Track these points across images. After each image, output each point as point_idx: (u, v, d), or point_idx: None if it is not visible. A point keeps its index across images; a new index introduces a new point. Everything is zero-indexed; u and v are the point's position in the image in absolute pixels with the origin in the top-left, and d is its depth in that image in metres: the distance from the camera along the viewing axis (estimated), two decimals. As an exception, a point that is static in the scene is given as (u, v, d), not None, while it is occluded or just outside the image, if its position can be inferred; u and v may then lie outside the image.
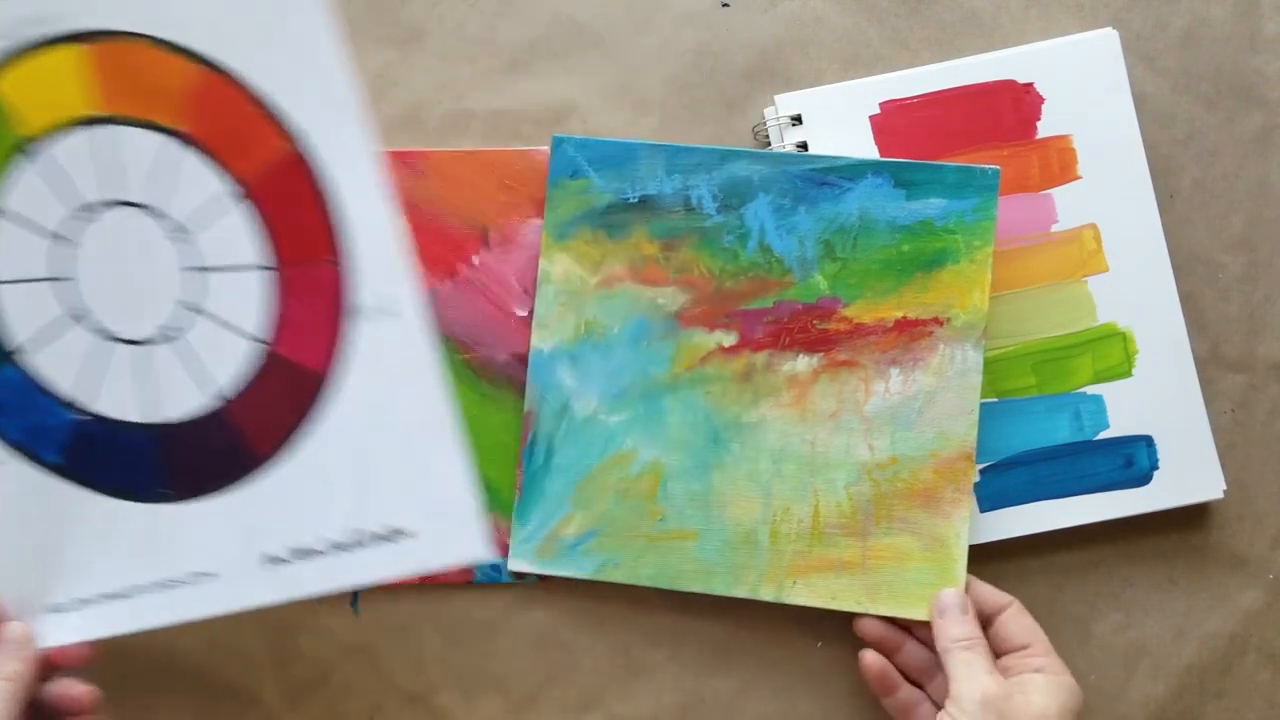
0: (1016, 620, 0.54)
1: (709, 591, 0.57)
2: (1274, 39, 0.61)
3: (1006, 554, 0.58)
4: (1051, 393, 0.58)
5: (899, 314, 0.57)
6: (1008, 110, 0.59)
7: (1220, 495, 0.58)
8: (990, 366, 0.58)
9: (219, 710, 0.58)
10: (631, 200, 0.58)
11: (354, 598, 0.59)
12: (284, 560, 0.51)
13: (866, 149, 0.59)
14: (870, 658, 0.56)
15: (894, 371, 0.57)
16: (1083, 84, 0.59)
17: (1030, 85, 0.59)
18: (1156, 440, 0.58)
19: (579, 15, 0.61)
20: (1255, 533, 0.59)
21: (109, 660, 0.54)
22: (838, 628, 0.58)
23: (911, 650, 0.56)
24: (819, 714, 0.58)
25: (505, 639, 0.59)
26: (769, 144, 0.59)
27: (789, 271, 0.58)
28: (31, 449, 0.53)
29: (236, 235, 0.51)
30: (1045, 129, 0.59)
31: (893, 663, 0.56)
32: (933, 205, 0.57)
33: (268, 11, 0.49)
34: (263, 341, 0.51)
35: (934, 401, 0.56)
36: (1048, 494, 0.58)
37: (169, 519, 0.52)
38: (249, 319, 0.51)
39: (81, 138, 0.51)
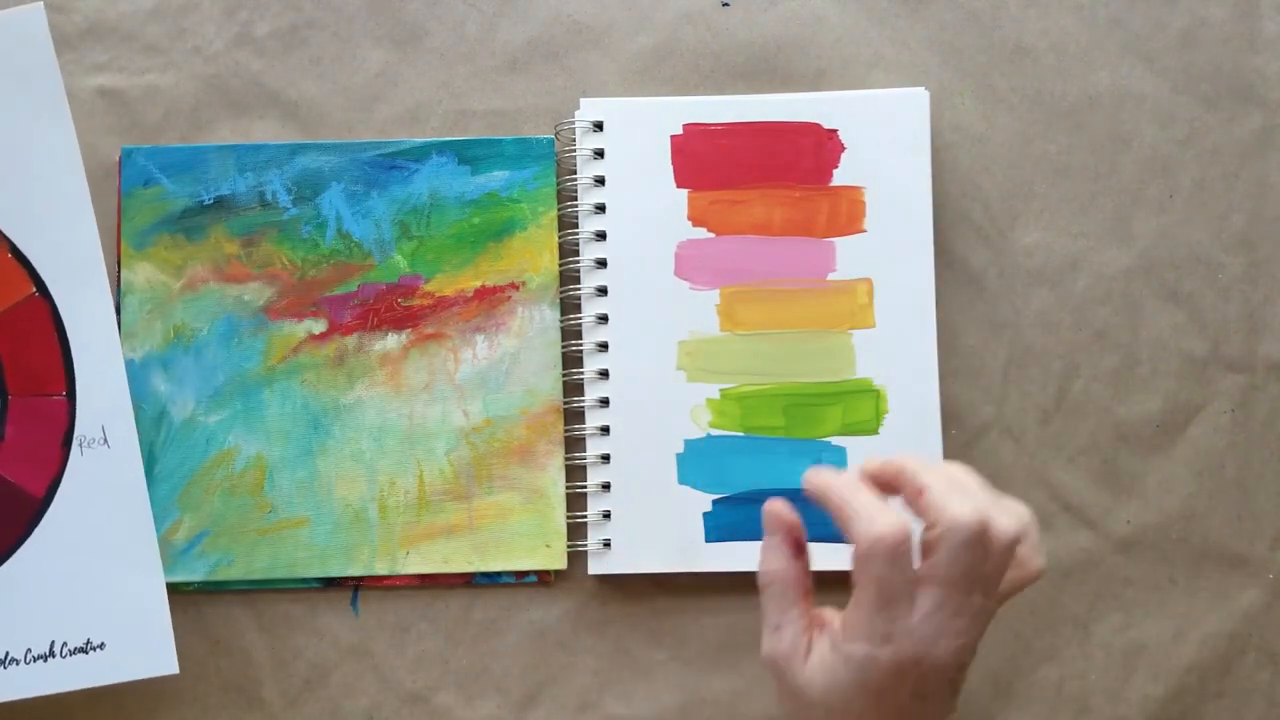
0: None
1: (325, 575, 0.58)
2: (1274, 39, 0.61)
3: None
4: (798, 437, 0.58)
5: (477, 283, 0.59)
6: (808, 153, 0.59)
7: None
8: (743, 402, 0.58)
9: (219, 710, 0.58)
10: (207, 202, 0.60)
11: (354, 598, 0.59)
12: None
13: (662, 166, 0.59)
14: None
15: (479, 338, 0.59)
16: (885, 139, 0.59)
17: (834, 132, 0.59)
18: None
19: (579, 15, 0.61)
20: (1255, 533, 0.59)
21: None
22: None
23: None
24: (819, 714, 0.58)
25: (505, 639, 0.59)
26: (572, 143, 0.60)
27: (369, 254, 0.60)
28: None
29: None
30: (841, 177, 0.59)
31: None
32: (496, 178, 0.60)
33: (32, 173, 0.55)
34: None
35: (519, 362, 0.59)
36: None
37: None
38: None
39: None
